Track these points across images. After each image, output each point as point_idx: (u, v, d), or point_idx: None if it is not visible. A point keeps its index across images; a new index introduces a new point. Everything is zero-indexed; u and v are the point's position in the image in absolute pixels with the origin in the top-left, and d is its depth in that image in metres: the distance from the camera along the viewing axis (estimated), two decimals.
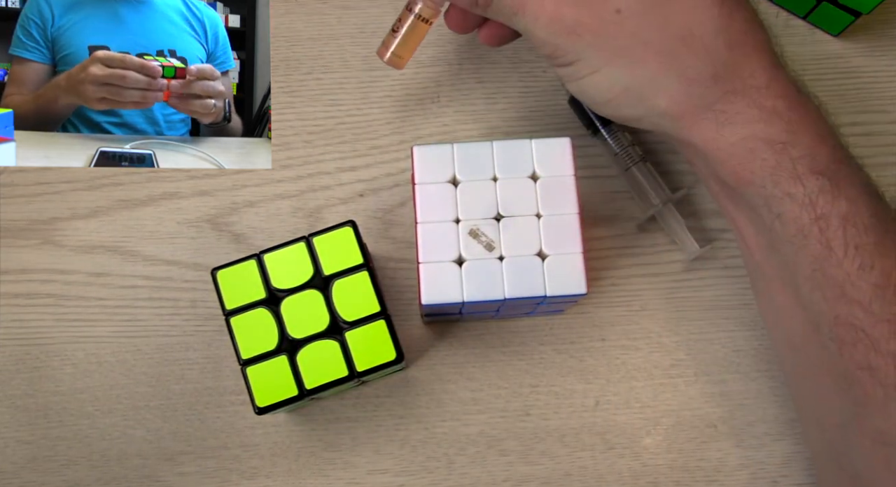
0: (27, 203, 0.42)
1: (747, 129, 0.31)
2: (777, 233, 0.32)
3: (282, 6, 0.45)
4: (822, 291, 0.31)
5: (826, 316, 0.31)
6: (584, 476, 0.40)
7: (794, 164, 0.30)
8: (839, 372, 0.31)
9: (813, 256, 0.31)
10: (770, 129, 0.31)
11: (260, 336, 0.34)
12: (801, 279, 0.32)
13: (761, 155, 0.31)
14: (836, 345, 0.31)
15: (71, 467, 0.40)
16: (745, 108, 0.31)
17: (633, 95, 0.32)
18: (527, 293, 0.33)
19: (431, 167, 0.35)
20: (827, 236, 0.30)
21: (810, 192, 0.30)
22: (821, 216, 0.30)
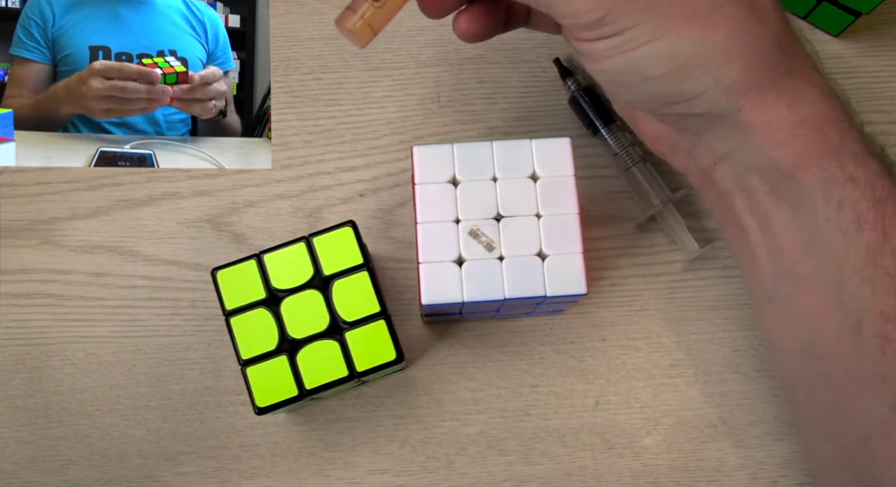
0: (27, 203, 0.42)
1: (813, 108, 0.30)
2: (831, 223, 0.30)
3: (282, 6, 0.45)
4: (871, 284, 0.29)
5: (871, 312, 0.29)
6: (584, 476, 0.40)
7: (855, 145, 0.29)
8: (876, 374, 0.30)
9: (867, 245, 0.29)
10: (832, 110, 0.30)
11: (260, 336, 0.34)
12: (847, 274, 0.30)
13: (827, 133, 0.29)
14: (879, 343, 0.29)
15: (71, 467, 0.40)
16: (807, 87, 0.30)
17: (699, 64, 0.29)
18: (527, 293, 0.33)
19: (431, 167, 0.35)
20: (883, 224, 0.29)
21: (871, 175, 0.29)
22: (879, 199, 0.29)
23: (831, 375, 0.32)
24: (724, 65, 0.29)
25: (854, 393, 0.31)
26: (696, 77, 0.29)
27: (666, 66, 0.29)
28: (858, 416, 0.31)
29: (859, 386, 0.31)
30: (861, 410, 0.31)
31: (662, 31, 0.28)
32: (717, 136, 0.32)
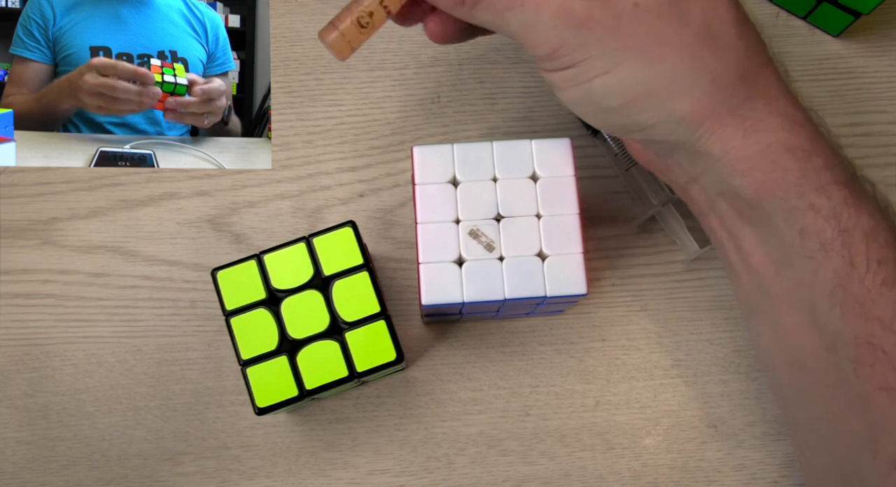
0: (27, 203, 0.42)
1: (772, 137, 0.29)
2: (796, 249, 0.30)
3: (282, 6, 0.45)
4: (842, 308, 0.29)
5: (843, 335, 0.30)
6: (584, 476, 0.40)
7: (818, 174, 0.29)
8: (854, 394, 0.30)
9: (834, 272, 0.29)
10: (794, 138, 0.29)
11: (260, 336, 0.34)
12: (818, 296, 0.30)
13: (786, 164, 0.29)
14: (853, 366, 0.30)
15: (71, 467, 0.40)
16: (768, 116, 0.29)
17: (651, 98, 0.29)
18: (527, 293, 0.33)
19: (431, 167, 0.35)
20: (850, 251, 0.29)
21: (835, 204, 0.29)
22: (844, 229, 0.29)
23: (815, 388, 0.32)
24: (677, 97, 0.29)
25: (838, 408, 0.31)
26: (648, 109, 0.30)
27: (619, 98, 0.29)
28: (845, 431, 0.31)
29: (841, 402, 0.31)
30: (846, 425, 0.31)
31: (614, 64, 0.29)
32: (683, 160, 0.32)
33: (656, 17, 0.28)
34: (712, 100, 0.29)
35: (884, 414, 0.29)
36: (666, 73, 0.29)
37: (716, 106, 0.29)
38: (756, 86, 0.29)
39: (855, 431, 0.31)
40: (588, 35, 0.28)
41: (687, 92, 0.29)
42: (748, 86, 0.29)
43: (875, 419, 0.30)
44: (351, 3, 0.31)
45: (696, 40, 0.28)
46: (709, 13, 0.29)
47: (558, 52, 0.29)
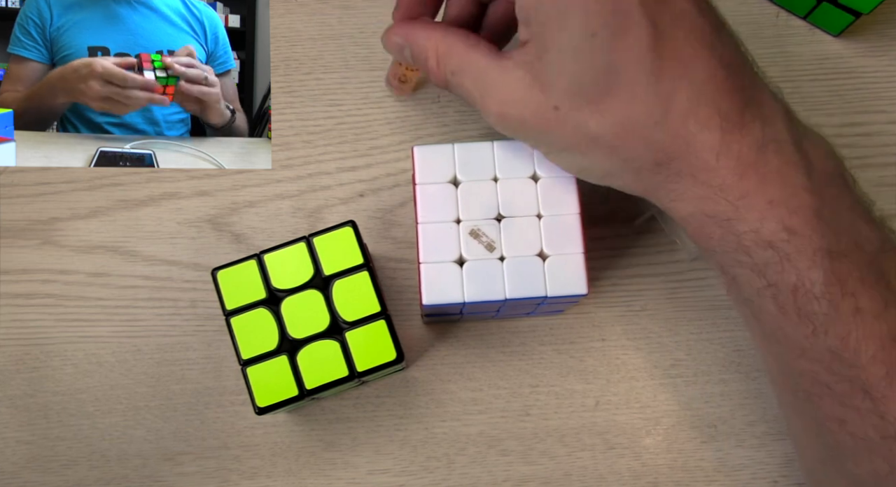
0: (27, 203, 0.42)
1: (693, 206, 0.31)
2: (737, 292, 0.32)
3: (282, 6, 0.45)
4: (785, 348, 0.31)
5: (793, 369, 0.31)
6: (584, 476, 0.40)
7: (739, 238, 0.30)
8: (812, 418, 0.32)
9: (770, 316, 0.31)
10: (715, 207, 0.30)
11: (260, 336, 0.34)
12: (766, 333, 0.32)
13: (708, 228, 0.31)
14: (805, 395, 0.31)
15: (71, 467, 0.40)
16: (691, 187, 0.31)
17: (592, 175, 0.33)
18: (528, 293, 0.33)
19: (432, 167, 0.35)
20: (779, 302, 0.30)
21: (758, 263, 0.30)
22: (771, 284, 0.30)
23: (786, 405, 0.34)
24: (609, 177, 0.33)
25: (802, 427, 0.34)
26: (598, 180, 0.33)
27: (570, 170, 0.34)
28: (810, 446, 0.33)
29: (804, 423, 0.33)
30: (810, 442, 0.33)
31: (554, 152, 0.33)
32: None
33: (577, 117, 0.31)
34: (638, 181, 0.32)
35: (837, 441, 0.31)
36: (594, 161, 0.32)
37: (643, 185, 0.32)
38: (678, 164, 0.31)
39: (816, 449, 0.33)
40: (525, 135, 0.33)
41: (617, 174, 0.32)
42: (668, 167, 0.31)
43: (830, 443, 0.31)
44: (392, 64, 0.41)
45: (615, 135, 0.31)
46: (625, 109, 0.30)
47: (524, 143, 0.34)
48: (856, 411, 0.30)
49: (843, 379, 0.30)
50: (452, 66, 0.33)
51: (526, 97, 0.31)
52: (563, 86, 0.30)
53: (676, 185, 0.31)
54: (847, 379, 0.30)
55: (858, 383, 0.29)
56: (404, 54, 0.35)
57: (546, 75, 0.31)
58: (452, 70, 0.33)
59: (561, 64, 0.30)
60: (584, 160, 0.32)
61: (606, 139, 0.31)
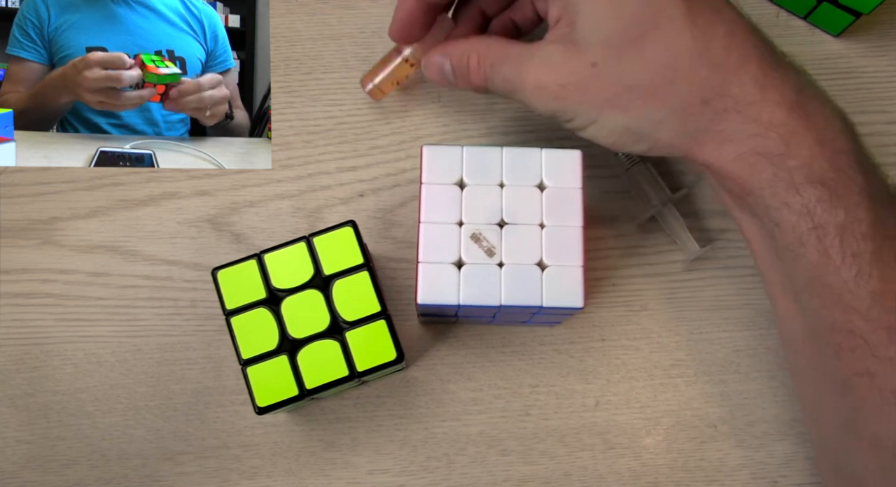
0: (27, 203, 0.42)
1: (745, 145, 0.31)
2: (777, 241, 0.32)
3: (282, 6, 0.45)
4: (820, 298, 0.31)
5: (824, 322, 0.31)
6: (584, 476, 0.40)
7: (790, 175, 0.31)
8: (836, 378, 0.32)
9: (810, 264, 0.31)
10: (766, 143, 0.31)
11: (260, 336, 0.34)
12: (799, 286, 0.32)
13: (759, 168, 0.31)
14: (834, 351, 0.31)
15: (71, 467, 0.40)
16: (741, 125, 0.31)
17: (634, 135, 0.33)
18: (523, 301, 0.33)
19: (439, 168, 0.35)
20: (824, 245, 0.30)
21: (807, 202, 0.30)
22: (818, 225, 0.30)
23: (806, 370, 0.34)
24: (654, 132, 0.33)
25: (823, 390, 0.33)
26: (637, 142, 0.33)
27: (609, 139, 0.34)
28: (830, 411, 0.33)
29: (826, 384, 0.33)
30: (831, 406, 0.33)
31: (595, 117, 0.33)
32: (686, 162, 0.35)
33: (616, 70, 0.32)
34: (685, 126, 0.32)
35: (863, 398, 0.31)
36: (637, 115, 0.32)
37: (689, 130, 0.32)
38: (724, 100, 0.31)
39: (838, 412, 0.32)
40: (565, 101, 0.33)
41: (660, 126, 0.32)
42: (716, 104, 0.31)
43: (855, 402, 0.31)
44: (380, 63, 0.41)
45: (657, 80, 0.31)
46: (664, 51, 0.31)
47: (554, 116, 0.34)
48: (889, 362, 0.30)
49: (880, 328, 0.30)
50: (492, 59, 0.35)
51: (562, 61, 0.32)
52: (599, 40, 0.31)
53: (724, 125, 0.31)
54: (884, 327, 0.30)
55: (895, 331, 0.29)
56: (444, 72, 0.37)
57: (581, 36, 0.32)
58: (492, 62, 0.35)
59: (596, 18, 0.31)
60: (624, 117, 0.32)
61: (649, 84, 0.31)
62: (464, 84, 0.36)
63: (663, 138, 0.33)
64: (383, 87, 0.41)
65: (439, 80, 0.37)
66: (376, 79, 0.41)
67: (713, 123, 0.31)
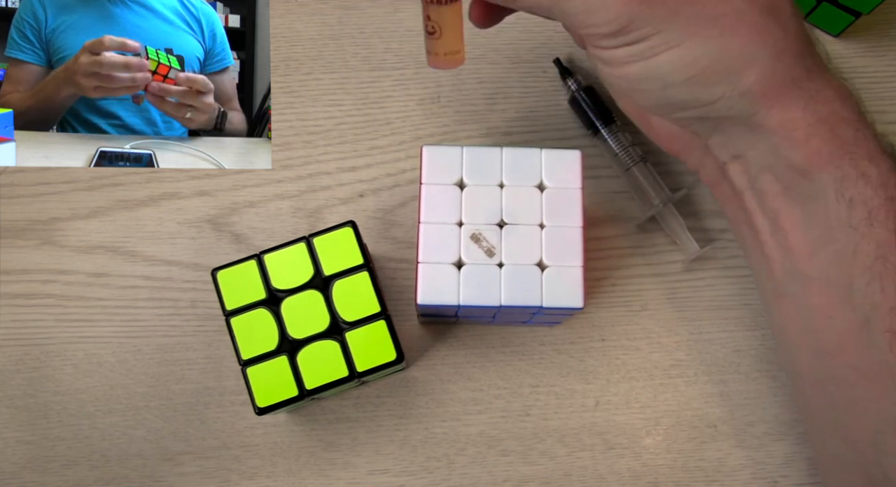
0: (27, 203, 0.42)
1: (829, 107, 0.30)
2: (842, 220, 0.30)
3: (282, 6, 0.45)
4: (881, 281, 0.29)
5: (880, 308, 0.30)
6: (584, 476, 0.40)
7: (868, 143, 0.30)
8: (885, 371, 0.30)
9: (877, 242, 0.29)
10: (846, 109, 0.30)
11: (260, 336, 0.34)
12: (857, 270, 0.30)
13: (841, 132, 0.30)
14: (889, 338, 0.29)
15: (71, 467, 0.40)
16: (824, 87, 0.30)
17: (719, 70, 0.29)
18: (523, 302, 0.33)
19: (439, 168, 0.35)
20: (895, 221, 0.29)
21: (883, 172, 0.29)
22: (891, 197, 0.29)
23: (840, 372, 0.32)
24: (745, 69, 0.29)
25: (864, 391, 0.31)
26: (714, 83, 0.30)
27: (686, 72, 0.30)
28: (869, 413, 0.31)
29: (869, 383, 0.31)
30: (871, 407, 0.31)
31: (683, 38, 0.29)
32: (730, 137, 0.32)
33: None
34: (778, 71, 0.30)
35: None
36: (735, 45, 0.29)
37: (780, 79, 0.30)
38: (813, 57, 0.30)
39: (882, 411, 0.31)
40: (658, 11, 0.28)
41: (755, 64, 0.29)
42: (807, 59, 0.30)
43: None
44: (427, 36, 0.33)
45: (762, 14, 0.29)
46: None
47: (627, 29, 0.29)
48: None
49: None
50: None
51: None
52: None
53: (811, 83, 0.30)
54: None
55: None
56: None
57: None
58: None
59: None
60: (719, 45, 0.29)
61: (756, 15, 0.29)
62: None
63: (750, 79, 0.29)
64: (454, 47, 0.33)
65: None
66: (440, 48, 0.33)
67: (803, 78, 0.30)
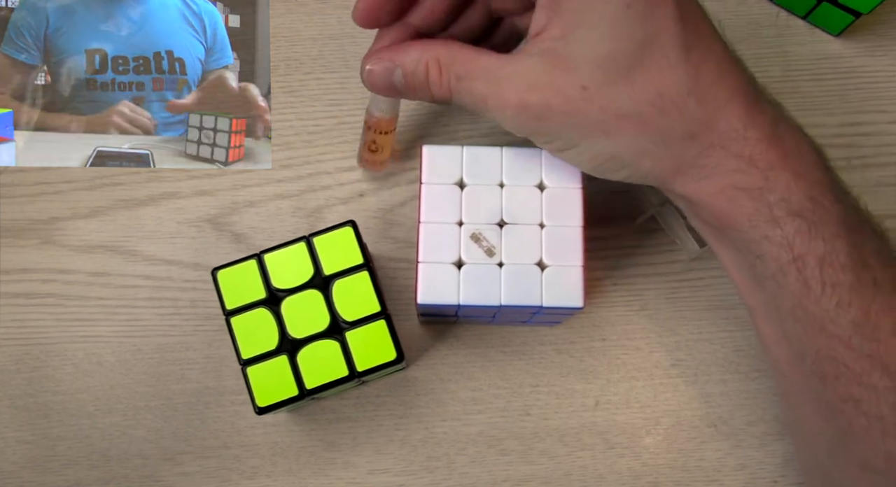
0: (27, 203, 0.42)
1: (725, 180, 0.31)
2: (758, 272, 0.32)
3: (282, 6, 0.45)
4: (803, 326, 0.31)
5: (808, 349, 0.31)
6: (584, 476, 0.40)
7: (770, 209, 0.31)
8: (823, 402, 0.32)
9: (792, 293, 0.31)
10: (747, 178, 0.31)
11: (260, 336, 0.34)
12: (783, 314, 0.32)
13: (739, 202, 0.31)
14: (819, 378, 0.31)
15: (71, 467, 0.40)
16: (723, 160, 0.31)
17: (616, 162, 0.32)
18: (523, 301, 0.33)
19: (439, 167, 0.35)
20: (805, 275, 0.30)
21: (787, 234, 0.31)
22: (798, 256, 0.30)
23: (793, 393, 0.34)
24: (638, 159, 0.32)
25: (811, 413, 0.33)
26: (617, 170, 0.33)
27: (591, 163, 0.33)
28: (819, 433, 0.33)
29: (813, 408, 0.33)
30: (819, 429, 0.33)
31: (578, 141, 0.32)
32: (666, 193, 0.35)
33: (607, 94, 0.30)
34: (669, 157, 0.32)
35: (850, 423, 0.31)
36: (623, 142, 0.31)
37: (674, 161, 0.32)
38: (710, 135, 0.31)
39: (826, 435, 0.33)
40: (548, 123, 0.31)
41: (645, 154, 0.32)
42: (701, 139, 0.31)
43: (842, 427, 0.31)
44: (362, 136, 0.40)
45: (647, 108, 0.30)
46: (656, 80, 0.30)
47: (531, 137, 0.33)
48: (872, 389, 0.30)
49: (862, 356, 0.30)
50: (458, 70, 0.32)
51: (549, 81, 0.30)
52: (593, 62, 0.30)
53: (708, 159, 0.31)
54: (866, 355, 0.30)
55: (878, 359, 0.30)
56: (393, 81, 0.33)
57: (573, 54, 0.30)
58: (458, 75, 0.32)
59: (593, 39, 0.30)
60: (609, 144, 0.31)
61: (639, 113, 0.30)
62: (418, 95, 0.33)
63: (645, 168, 0.32)
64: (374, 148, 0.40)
65: (384, 89, 0.33)
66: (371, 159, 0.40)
67: (698, 158, 0.31)
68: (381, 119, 0.38)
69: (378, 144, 0.40)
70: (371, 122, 0.38)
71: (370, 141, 0.39)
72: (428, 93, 0.33)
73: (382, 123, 0.38)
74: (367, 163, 0.41)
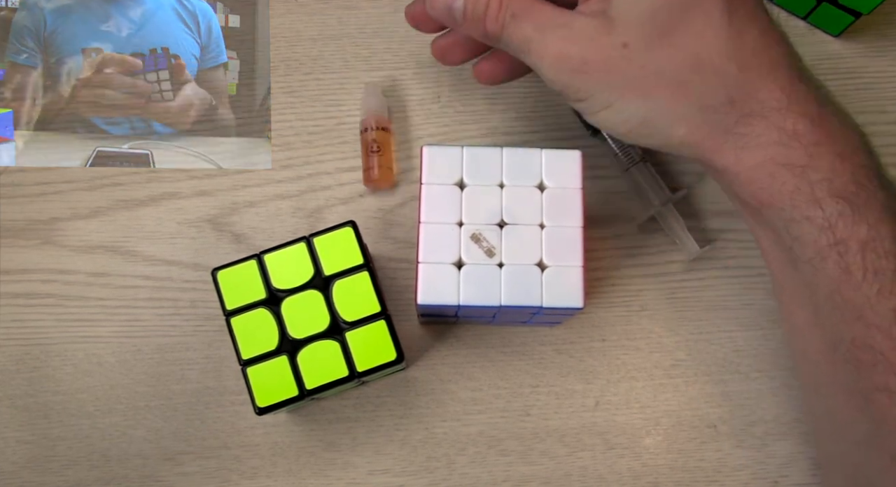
0: (27, 203, 0.42)
1: (766, 153, 0.30)
2: (796, 254, 0.31)
3: (282, 6, 0.45)
4: (841, 313, 0.30)
5: (844, 337, 0.31)
6: (584, 476, 0.40)
7: (812, 188, 0.30)
8: (856, 392, 0.31)
9: (831, 278, 0.30)
10: (789, 153, 0.30)
11: (260, 336, 0.34)
12: (819, 299, 0.31)
13: (780, 178, 0.30)
14: (854, 366, 0.31)
15: (71, 467, 0.40)
16: (765, 131, 0.30)
17: (649, 126, 0.32)
18: (523, 302, 0.33)
19: (439, 168, 0.35)
20: (846, 260, 0.30)
21: (829, 216, 0.30)
22: (839, 240, 0.30)
23: (823, 383, 0.33)
24: (672, 125, 0.31)
25: (842, 404, 0.32)
26: (650, 135, 0.32)
27: (622, 127, 0.32)
28: (849, 424, 0.32)
29: (845, 398, 0.32)
30: (850, 419, 0.32)
31: (612, 100, 0.32)
32: (703, 167, 0.34)
33: (646, 54, 0.30)
34: (706, 123, 0.31)
35: (883, 414, 0.30)
36: (659, 104, 0.31)
37: (710, 128, 0.31)
38: (751, 102, 0.30)
39: (858, 426, 0.32)
40: (586, 78, 0.31)
41: (681, 120, 0.31)
42: (741, 106, 0.30)
43: (876, 417, 0.30)
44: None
45: (686, 71, 0.30)
46: (697, 42, 0.30)
47: (565, 91, 0.32)
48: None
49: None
50: (515, 9, 0.32)
51: (592, 36, 0.31)
52: (635, 21, 0.30)
53: (749, 128, 0.31)
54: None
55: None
56: (453, 7, 0.33)
57: (618, 13, 0.30)
58: (514, 12, 0.32)
59: None
60: (643, 106, 0.31)
61: (678, 74, 0.30)
62: (472, 28, 0.33)
63: (680, 134, 0.31)
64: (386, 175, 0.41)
65: (443, 15, 0.34)
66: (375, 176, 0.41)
67: (737, 125, 0.31)
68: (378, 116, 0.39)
69: (379, 143, 0.41)
70: (367, 122, 0.39)
71: (371, 140, 0.41)
72: (482, 26, 0.33)
73: (382, 120, 0.39)
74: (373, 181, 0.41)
